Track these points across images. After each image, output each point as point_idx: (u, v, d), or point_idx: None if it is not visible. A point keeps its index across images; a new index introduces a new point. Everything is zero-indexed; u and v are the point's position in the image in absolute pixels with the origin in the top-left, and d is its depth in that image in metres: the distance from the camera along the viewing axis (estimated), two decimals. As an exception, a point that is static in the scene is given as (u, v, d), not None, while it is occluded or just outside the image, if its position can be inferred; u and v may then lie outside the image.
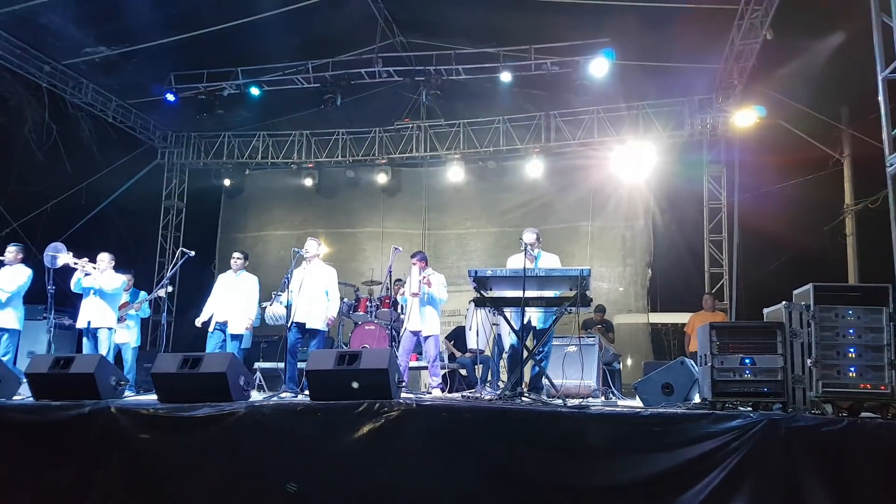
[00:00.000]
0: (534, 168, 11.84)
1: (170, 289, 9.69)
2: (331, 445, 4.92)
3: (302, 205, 13.37)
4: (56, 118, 11.97)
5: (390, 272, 7.22)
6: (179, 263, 7.30)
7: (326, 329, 7.26)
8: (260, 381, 9.00)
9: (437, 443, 4.73)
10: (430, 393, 7.02)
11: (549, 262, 6.29)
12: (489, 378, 7.77)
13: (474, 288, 5.69)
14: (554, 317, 5.88)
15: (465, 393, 5.36)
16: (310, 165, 13.05)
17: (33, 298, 9.80)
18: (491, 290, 5.85)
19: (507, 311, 5.83)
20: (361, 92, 12.09)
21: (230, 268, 7.83)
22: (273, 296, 6.97)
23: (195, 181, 14.00)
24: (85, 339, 7.71)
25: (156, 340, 13.46)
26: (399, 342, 7.60)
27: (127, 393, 7.87)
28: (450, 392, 7.72)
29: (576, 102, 11.55)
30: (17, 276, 7.61)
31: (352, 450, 4.85)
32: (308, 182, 13.10)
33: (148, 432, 5.23)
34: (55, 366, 5.81)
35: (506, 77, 9.93)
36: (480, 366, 9.18)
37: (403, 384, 5.37)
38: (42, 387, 5.85)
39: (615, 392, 7.38)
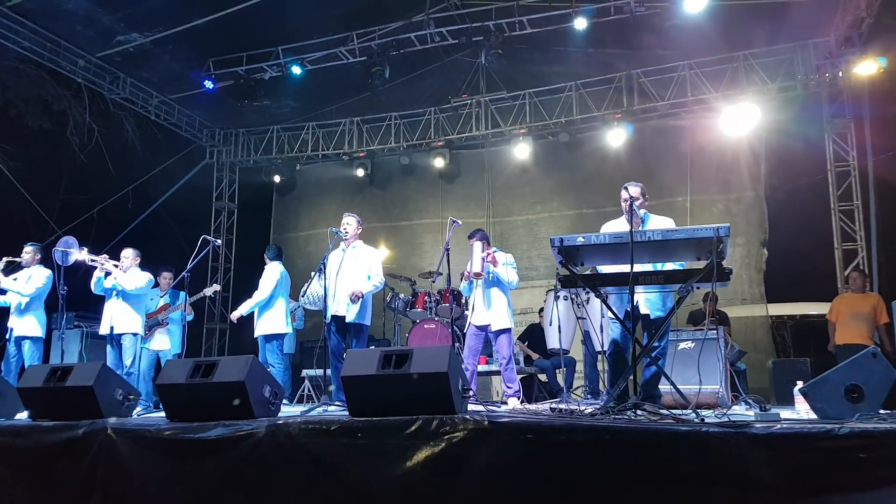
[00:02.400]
0: (615, 137, 10.27)
1: (217, 288, 8.67)
2: (373, 478, 3.62)
3: (355, 199, 12.22)
4: (97, 118, 11.34)
5: (447, 250, 5.84)
6: (203, 253, 6.15)
7: (368, 322, 5.98)
8: (309, 390, 7.85)
9: (520, 477, 3.37)
10: (506, 404, 5.64)
11: (660, 225, 4.79)
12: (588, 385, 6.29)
13: (560, 263, 4.28)
14: (672, 300, 4.41)
15: (555, 403, 3.95)
16: (361, 155, 11.91)
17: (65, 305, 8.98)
18: (582, 265, 4.42)
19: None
20: (414, 71, 11.00)
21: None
22: (311, 275, 5.75)
23: (245, 180, 13.17)
24: (109, 347, 6.72)
25: (211, 349, 12.63)
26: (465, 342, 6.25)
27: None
28: (528, 402, 6.28)
29: (662, 58, 9.98)
30: (36, 278, 6.83)
31: (402, 485, 3.54)
32: (360, 172, 11.97)
33: (150, 459, 4.14)
34: (51, 378, 4.79)
35: (580, 24, 8.41)
36: (564, 370, 7.75)
37: (471, 394, 4.00)
38: (38, 404, 4.86)
39: (749, 400, 5.77)
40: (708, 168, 10.06)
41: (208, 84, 10.24)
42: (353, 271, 5.86)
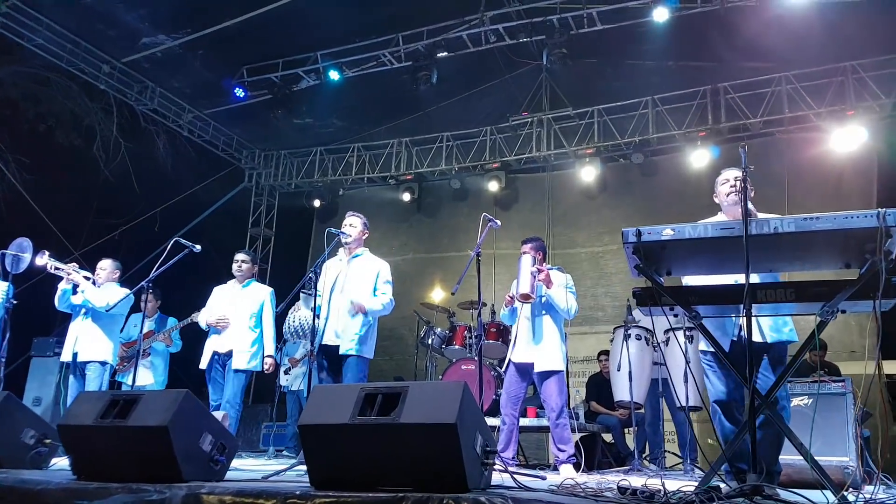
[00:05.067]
0: (699, 159, 8.81)
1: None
2: None
3: (401, 226, 11.07)
4: (127, 133, 10.65)
5: (477, 254, 4.39)
6: (174, 260, 4.93)
7: (370, 358, 4.61)
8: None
9: None
10: (557, 471, 4.17)
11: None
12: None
13: (636, 269, 2.88)
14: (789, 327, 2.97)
15: (623, 476, 2.51)
16: (408, 177, 10.78)
17: (39, 329, 8.02)
18: (669, 273, 3.01)
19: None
20: (471, 88, 9.96)
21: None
22: (302, 296, 4.45)
23: (284, 205, 12.23)
24: (71, 378, 5.57)
25: (249, 390, 11.47)
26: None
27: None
28: (588, 469, 4.75)
29: (753, 71, 8.60)
30: None
31: None
32: (406, 197, 10.84)
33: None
34: (-57, 414, 3.63)
35: (660, 15, 7.09)
36: (636, 428, 6.17)
37: (494, 461, 2.61)
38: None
39: (885, 476, 4.15)
40: (808, 195, 8.48)
41: (239, 92, 9.31)
42: (356, 288, 4.57)
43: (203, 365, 5.34)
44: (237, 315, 5.31)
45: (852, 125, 8.20)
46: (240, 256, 5.55)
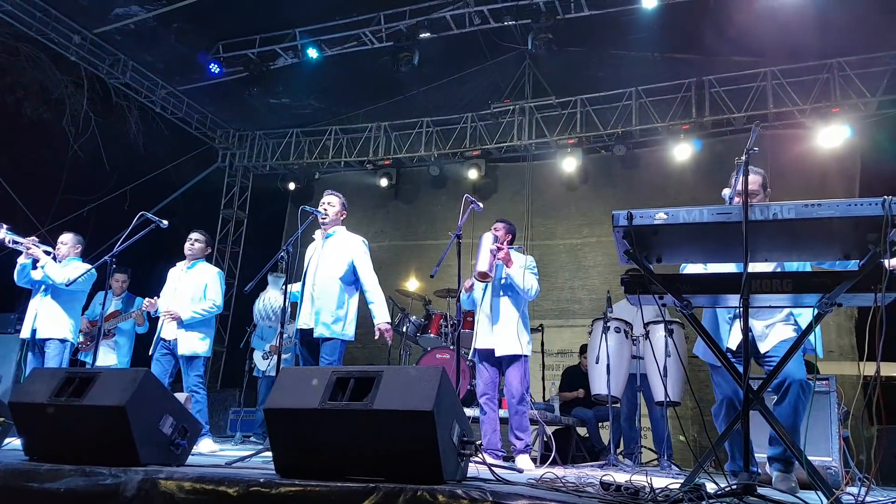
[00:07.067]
0: (681, 152, 8.73)
1: None
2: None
3: (377, 213, 10.86)
4: (98, 108, 10.31)
5: (458, 236, 4.24)
6: (139, 236, 4.68)
7: (349, 338, 4.45)
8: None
9: None
10: (514, 462, 4.02)
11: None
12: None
13: (625, 254, 2.75)
14: (796, 322, 2.85)
15: (601, 470, 2.37)
16: (386, 163, 10.57)
17: (1, 305, 7.73)
18: (659, 261, 2.88)
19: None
20: (453, 73, 9.72)
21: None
22: (270, 278, 4.26)
23: (258, 187, 11.94)
24: (30, 355, 5.33)
25: (217, 375, 11.21)
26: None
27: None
28: (563, 463, 4.60)
29: (739, 65, 8.51)
30: None
31: None
32: (384, 182, 10.63)
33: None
34: None
35: (649, 2, 6.96)
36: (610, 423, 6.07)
37: (469, 450, 2.46)
38: None
39: (866, 477, 4.09)
40: (790, 192, 8.42)
41: (214, 68, 9.00)
42: (330, 270, 4.39)
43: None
44: (178, 301, 5.12)
45: (836, 123, 8.18)
46: (193, 235, 5.42)
